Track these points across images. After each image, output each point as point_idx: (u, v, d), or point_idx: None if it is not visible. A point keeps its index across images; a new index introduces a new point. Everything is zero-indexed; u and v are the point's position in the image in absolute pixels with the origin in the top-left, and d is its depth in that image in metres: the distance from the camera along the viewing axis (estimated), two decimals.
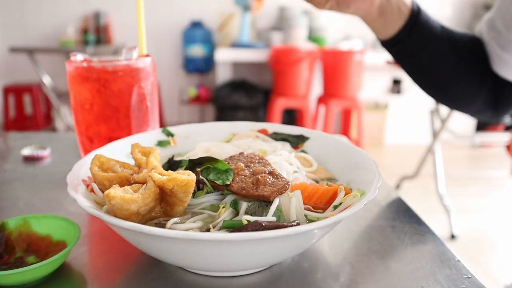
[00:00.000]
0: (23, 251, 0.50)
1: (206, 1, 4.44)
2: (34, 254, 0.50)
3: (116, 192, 0.43)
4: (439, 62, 0.74)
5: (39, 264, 0.43)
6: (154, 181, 0.44)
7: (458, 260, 0.52)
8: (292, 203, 0.48)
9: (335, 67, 3.38)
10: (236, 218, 0.47)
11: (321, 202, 0.51)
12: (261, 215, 0.47)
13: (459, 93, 0.78)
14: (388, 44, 0.75)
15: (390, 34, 0.73)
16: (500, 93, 0.78)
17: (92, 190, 0.51)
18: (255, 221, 0.43)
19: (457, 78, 0.75)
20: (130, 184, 0.49)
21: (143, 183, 0.49)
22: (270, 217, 0.46)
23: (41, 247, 0.50)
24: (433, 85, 0.80)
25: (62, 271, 0.48)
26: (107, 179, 0.49)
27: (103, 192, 0.51)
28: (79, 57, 0.69)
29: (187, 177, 0.44)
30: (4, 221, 0.51)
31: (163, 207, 0.47)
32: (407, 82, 4.27)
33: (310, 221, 0.48)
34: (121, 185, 0.49)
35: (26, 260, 0.49)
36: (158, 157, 0.54)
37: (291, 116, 4.09)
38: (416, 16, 0.71)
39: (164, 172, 0.47)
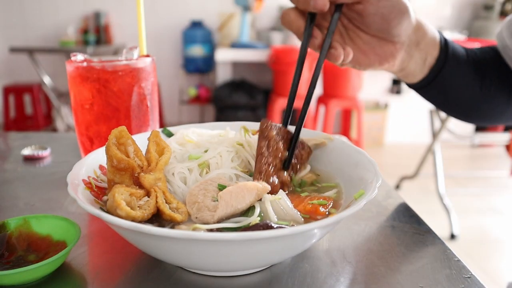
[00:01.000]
0: (24, 251, 0.50)
1: (206, 1, 4.44)
2: (34, 253, 0.50)
3: (124, 205, 0.46)
4: (470, 91, 0.71)
5: (39, 264, 0.43)
6: (156, 201, 0.49)
7: (458, 260, 0.52)
8: (280, 203, 0.49)
9: (335, 67, 3.38)
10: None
11: None
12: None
13: (490, 112, 0.76)
14: (413, 87, 0.72)
15: (417, 80, 0.70)
16: None
17: (92, 189, 0.51)
18: (265, 222, 0.44)
19: (488, 101, 0.73)
20: (134, 176, 0.51)
21: (146, 188, 0.50)
22: (254, 217, 0.47)
23: (41, 247, 0.50)
24: (464, 112, 0.77)
25: (62, 271, 0.48)
26: (117, 159, 0.50)
27: (104, 176, 0.52)
28: (79, 57, 0.69)
29: (181, 216, 0.48)
30: (4, 221, 0.51)
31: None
32: None
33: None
34: (126, 171, 0.51)
35: (27, 258, 0.49)
36: (169, 158, 0.55)
37: (291, 116, 4.09)
38: (442, 62, 0.67)
39: (168, 195, 0.50)
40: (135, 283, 0.47)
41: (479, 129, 4.32)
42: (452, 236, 2.50)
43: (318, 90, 3.83)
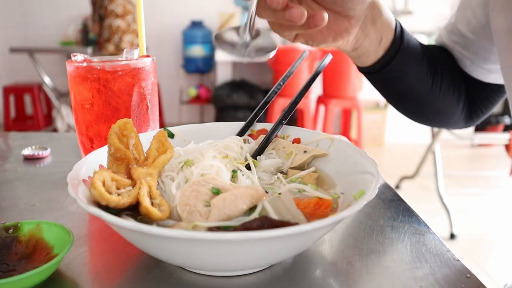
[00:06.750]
0: (25, 256, 0.50)
1: (206, 1, 4.44)
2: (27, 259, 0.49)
3: (99, 185, 0.46)
4: (421, 85, 0.71)
5: (25, 274, 0.42)
6: (138, 193, 0.48)
7: (458, 260, 0.52)
8: (282, 202, 0.49)
9: (335, 67, 3.39)
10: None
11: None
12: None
13: (440, 112, 0.75)
14: (364, 71, 0.70)
15: (366, 64, 0.69)
16: (474, 99, 0.76)
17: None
18: (264, 216, 0.43)
19: (437, 99, 0.73)
20: (128, 168, 0.52)
21: (134, 180, 0.50)
22: (255, 215, 0.46)
23: (40, 256, 0.49)
24: (412, 108, 0.76)
25: (62, 271, 0.48)
26: (115, 147, 0.50)
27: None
28: (79, 57, 0.70)
29: (158, 214, 0.48)
30: (19, 222, 0.51)
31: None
32: None
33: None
34: (122, 162, 0.51)
35: (23, 265, 0.48)
36: (168, 159, 0.55)
37: (291, 116, 4.09)
38: (398, 47, 0.66)
39: (154, 191, 0.50)
40: (135, 283, 0.47)
41: (478, 129, 4.32)
42: (452, 236, 2.51)
43: (318, 90, 3.83)
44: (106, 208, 0.46)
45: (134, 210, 0.49)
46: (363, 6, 0.60)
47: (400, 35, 0.66)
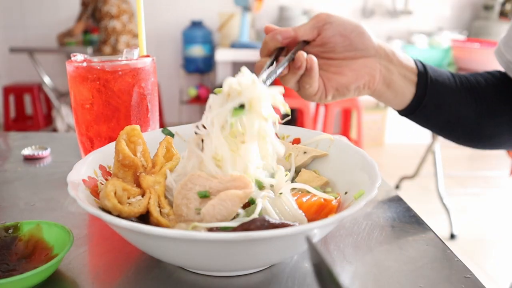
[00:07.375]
0: (25, 256, 0.50)
1: (206, 1, 4.44)
2: (27, 259, 0.49)
3: (113, 196, 0.46)
4: (464, 114, 0.71)
5: (26, 274, 0.42)
6: (148, 203, 0.48)
7: (458, 260, 0.52)
8: (281, 202, 0.49)
9: None
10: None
11: None
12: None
13: (494, 135, 0.75)
14: (406, 112, 0.72)
15: (405, 103, 0.70)
16: None
17: (92, 189, 0.51)
18: (262, 217, 0.43)
19: (487, 123, 0.72)
20: (135, 175, 0.52)
21: (143, 188, 0.50)
22: (255, 215, 0.46)
23: (40, 256, 0.49)
24: (464, 137, 0.76)
25: (62, 271, 0.49)
26: (123, 154, 0.51)
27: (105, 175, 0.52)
28: (79, 57, 0.70)
29: (168, 223, 0.48)
30: (18, 222, 0.51)
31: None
32: None
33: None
34: (129, 169, 0.51)
35: (23, 264, 0.48)
36: (175, 166, 0.54)
37: (291, 116, 4.09)
38: (425, 77, 0.68)
39: (162, 200, 0.50)
40: (135, 283, 0.47)
41: None
42: (452, 236, 2.51)
43: None
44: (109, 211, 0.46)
45: (142, 218, 0.49)
46: (372, 44, 0.65)
47: (423, 70, 0.69)
